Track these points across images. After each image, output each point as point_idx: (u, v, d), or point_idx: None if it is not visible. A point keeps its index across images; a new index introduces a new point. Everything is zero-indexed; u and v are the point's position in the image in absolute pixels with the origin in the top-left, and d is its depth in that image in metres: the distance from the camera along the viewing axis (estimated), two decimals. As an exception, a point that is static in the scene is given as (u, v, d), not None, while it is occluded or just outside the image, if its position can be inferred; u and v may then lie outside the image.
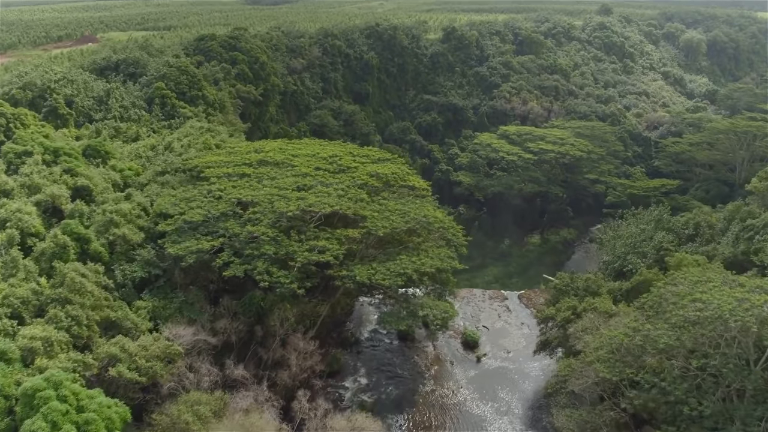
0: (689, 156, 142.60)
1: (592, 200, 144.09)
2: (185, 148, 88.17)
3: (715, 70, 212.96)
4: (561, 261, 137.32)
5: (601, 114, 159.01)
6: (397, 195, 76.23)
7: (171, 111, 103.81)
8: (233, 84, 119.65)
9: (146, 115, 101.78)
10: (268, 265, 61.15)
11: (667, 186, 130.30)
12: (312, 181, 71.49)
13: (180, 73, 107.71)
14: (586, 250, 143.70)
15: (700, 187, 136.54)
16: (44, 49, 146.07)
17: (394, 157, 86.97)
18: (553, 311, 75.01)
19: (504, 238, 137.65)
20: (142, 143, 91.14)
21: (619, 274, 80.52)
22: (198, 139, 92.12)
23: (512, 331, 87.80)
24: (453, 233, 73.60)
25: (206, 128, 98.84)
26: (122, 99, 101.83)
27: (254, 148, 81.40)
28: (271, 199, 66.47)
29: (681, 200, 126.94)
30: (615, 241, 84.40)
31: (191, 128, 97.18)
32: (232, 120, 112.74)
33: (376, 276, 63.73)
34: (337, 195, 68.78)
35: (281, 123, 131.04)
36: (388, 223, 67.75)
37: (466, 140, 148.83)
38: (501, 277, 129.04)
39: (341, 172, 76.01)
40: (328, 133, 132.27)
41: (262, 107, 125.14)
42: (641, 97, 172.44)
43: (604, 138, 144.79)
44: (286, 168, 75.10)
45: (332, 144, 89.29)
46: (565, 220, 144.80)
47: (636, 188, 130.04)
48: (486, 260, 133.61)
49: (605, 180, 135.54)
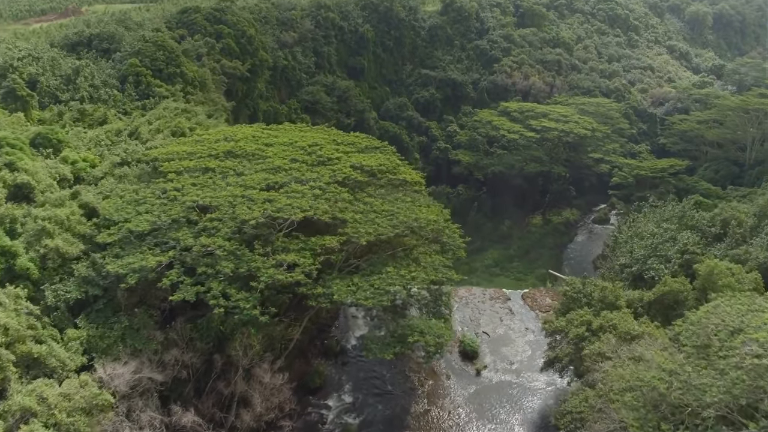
0: (697, 134, 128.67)
1: (596, 179, 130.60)
2: (153, 134, 74.38)
3: (721, 44, 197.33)
4: (563, 243, 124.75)
5: (605, 89, 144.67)
6: (386, 191, 62.20)
7: (146, 90, 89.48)
8: (218, 59, 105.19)
9: (118, 95, 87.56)
10: (225, 286, 47.56)
11: (676, 167, 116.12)
12: (285, 178, 57.52)
13: (156, 49, 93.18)
14: (590, 231, 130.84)
15: (709, 167, 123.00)
16: (25, 24, 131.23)
17: (384, 145, 72.54)
18: (563, 323, 61.56)
19: (504, 219, 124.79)
20: (108, 128, 77.13)
21: (637, 278, 66.77)
22: (170, 123, 78.27)
23: (515, 338, 74.17)
24: (449, 235, 59.83)
25: (182, 109, 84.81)
26: (92, 77, 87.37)
27: (224, 136, 67.28)
28: (233, 203, 52.56)
29: (689, 181, 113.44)
30: (633, 241, 70.35)
31: (165, 110, 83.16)
32: (214, 98, 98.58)
33: (357, 294, 50.12)
34: (312, 195, 54.90)
35: (271, 100, 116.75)
36: (373, 228, 53.90)
37: (465, 117, 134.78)
38: (501, 260, 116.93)
39: (321, 164, 62.00)
40: (320, 110, 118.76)
41: (250, 83, 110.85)
42: (646, 72, 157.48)
43: (608, 115, 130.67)
44: (258, 160, 61.10)
45: (314, 130, 75.02)
46: (568, 200, 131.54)
47: (643, 169, 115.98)
48: (485, 243, 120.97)
49: (610, 160, 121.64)
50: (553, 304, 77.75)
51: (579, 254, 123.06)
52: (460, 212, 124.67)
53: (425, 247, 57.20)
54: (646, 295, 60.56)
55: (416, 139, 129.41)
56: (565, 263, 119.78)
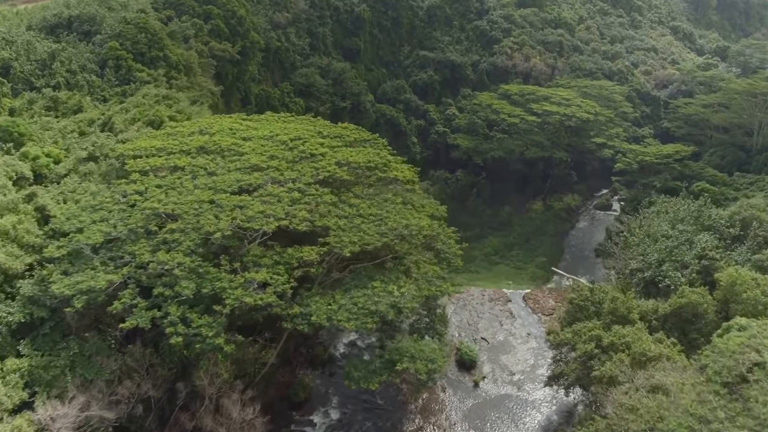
0: (702, 118, 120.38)
1: (598, 164, 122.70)
2: (127, 125, 66.48)
3: (725, 25, 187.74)
4: (565, 230, 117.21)
5: (608, 71, 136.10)
6: (375, 190, 54.19)
7: (126, 75, 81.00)
8: (206, 41, 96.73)
9: (97, 81, 79.31)
10: (184, 310, 39.85)
11: (681, 153, 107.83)
12: (261, 178, 49.49)
13: (138, 31, 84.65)
14: (592, 217, 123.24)
15: (715, 152, 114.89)
16: (12, 4, 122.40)
17: (374, 137, 64.48)
18: (569, 335, 53.99)
19: (504, 205, 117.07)
20: (80, 117, 69.21)
21: (650, 284, 58.98)
22: (148, 112, 70.34)
23: (516, 345, 66.39)
24: (443, 242, 51.94)
25: (163, 96, 76.73)
26: (70, 62, 79.12)
27: (199, 128, 59.08)
28: (199, 210, 44.62)
29: (695, 168, 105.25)
30: (645, 244, 62.31)
31: (144, 97, 75.15)
32: (201, 82, 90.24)
33: (338, 315, 42.34)
34: (290, 199, 46.97)
35: (263, 83, 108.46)
36: (358, 236, 45.92)
37: (464, 100, 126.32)
38: (501, 248, 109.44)
39: (303, 160, 53.94)
40: (315, 93, 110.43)
41: (241, 66, 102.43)
42: (649, 54, 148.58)
43: (612, 98, 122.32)
44: (233, 157, 53.06)
45: (298, 120, 66.55)
46: (569, 185, 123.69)
47: (648, 155, 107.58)
48: (485, 230, 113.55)
49: (614, 145, 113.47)
50: (556, 306, 70.18)
51: (581, 241, 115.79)
52: (459, 198, 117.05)
53: (417, 255, 49.27)
54: (662, 306, 52.80)
55: (414, 122, 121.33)
56: (567, 251, 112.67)
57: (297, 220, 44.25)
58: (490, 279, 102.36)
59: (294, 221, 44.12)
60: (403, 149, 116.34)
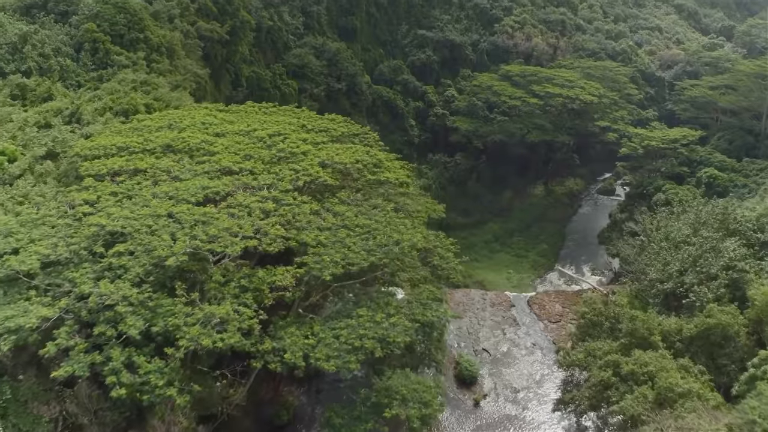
0: (708, 101, 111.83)
1: (601, 147, 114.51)
2: (95, 115, 58.19)
3: (729, 3, 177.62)
4: (567, 216, 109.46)
5: (611, 51, 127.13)
6: (363, 195, 45.87)
7: (103, 59, 72.24)
8: (193, 21, 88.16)
9: (71, 65, 70.88)
10: (130, 353, 31.92)
11: (689, 137, 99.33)
12: (231, 185, 41.25)
13: (117, 11, 75.70)
14: (595, 202, 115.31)
15: (722, 136, 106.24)
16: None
17: (365, 131, 55.74)
18: (581, 356, 46.17)
19: (504, 190, 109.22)
20: (46, 107, 60.77)
21: (670, 296, 50.93)
22: (121, 100, 62.05)
23: (521, 358, 58.46)
24: (441, 255, 43.62)
25: (140, 81, 68.30)
26: (43, 45, 70.59)
27: (168, 122, 50.60)
28: (153, 228, 36.47)
29: (702, 153, 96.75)
30: (665, 250, 53.99)
31: (120, 83, 66.80)
32: (186, 65, 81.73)
33: (317, 352, 34.38)
34: (262, 211, 38.81)
35: (255, 64, 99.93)
36: (342, 254, 37.87)
37: (464, 81, 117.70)
38: (501, 234, 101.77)
39: (282, 160, 45.71)
40: (309, 75, 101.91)
41: (231, 47, 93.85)
42: (654, 33, 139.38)
43: (616, 79, 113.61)
44: (202, 157, 44.72)
45: (280, 111, 57.82)
46: (571, 169, 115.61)
47: (654, 139, 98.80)
48: (485, 215, 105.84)
49: (618, 128, 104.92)
50: (563, 312, 62.32)
51: (583, 227, 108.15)
52: (458, 182, 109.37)
53: (411, 272, 41.13)
54: (687, 327, 44.72)
55: (412, 104, 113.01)
56: (569, 237, 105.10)
57: (268, 240, 36.04)
58: (491, 267, 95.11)
59: (265, 241, 35.89)
60: (401, 132, 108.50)
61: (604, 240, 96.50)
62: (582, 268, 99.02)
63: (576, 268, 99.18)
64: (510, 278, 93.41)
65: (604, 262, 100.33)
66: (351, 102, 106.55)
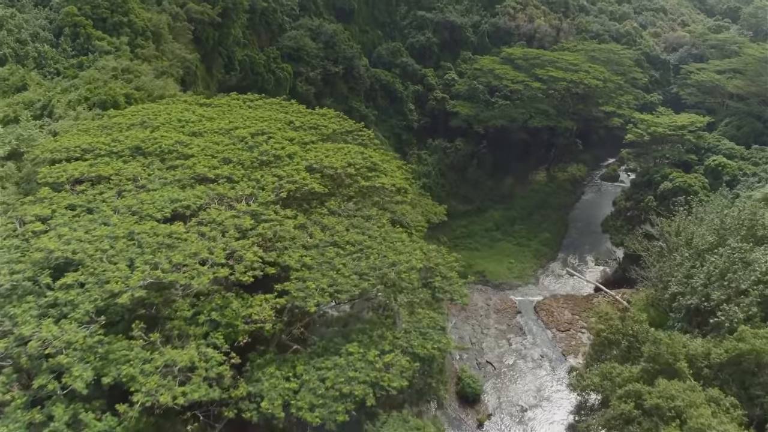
0: (715, 85, 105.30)
1: (605, 132, 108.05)
2: (66, 109, 51.89)
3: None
4: (570, 203, 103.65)
5: (615, 33, 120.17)
6: (356, 204, 39.56)
7: (84, 44, 65.87)
8: (182, 3, 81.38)
9: (50, 51, 64.38)
10: (76, 409, 25.98)
11: (697, 124, 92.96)
12: (203, 197, 34.93)
13: (99, -7, 69.42)
14: (598, 189, 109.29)
15: (730, 122, 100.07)
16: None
17: (359, 127, 49.07)
18: (597, 380, 40.40)
19: (506, 176, 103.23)
20: (21, 98, 54.56)
21: (694, 312, 44.91)
22: (99, 90, 55.75)
23: (528, 371, 52.59)
24: (444, 275, 37.32)
25: (122, 69, 61.94)
26: (20, 30, 64.06)
27: (141, 119, 44.17)
28: (109, 253, 30.19)
29: (710, 139, 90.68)
30: (687, 260, 47.77)
31: (99, 70, 60.48)
32: (174, 50, 75.20)
33: (299, 399, 28.45)
34: (237, 230, 32.59)
35: (249, 47, 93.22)
36: (329, 279, 31.73)
37: (464, 64, 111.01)
38: (502, 222, 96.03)
39: (265, 165, 39.45)
40: (304, 58, 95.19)
41: (223, 30, 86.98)
42: (658, 14, 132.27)
43: (621, 63, 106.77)
44: (175, 161, 38.38)
45: (266, 106, 50.99)
46: (574, 155, 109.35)
47: (661, 126, 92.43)
48: (485, 202, 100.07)
49: (623, 113, 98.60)
50: (573, 319, 56.46)
51: (586, 215, 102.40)
52: (459, 169, 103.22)
53: (409, 295, 34.99)
54: (715, 351, 38.73)
55: (411, 87, 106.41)
56: (572, 225, 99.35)
57: (242, 267, 29.84)
58: (492, 257, 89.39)
59: (239, 269, 29.72)
60: (400, 116, 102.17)
61: (608, 228, 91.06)
62: (585, 258, 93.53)
63: (579, 257, 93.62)
64: (511, 268, 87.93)
65: (607, 249, 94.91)
66: (348, 86, 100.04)
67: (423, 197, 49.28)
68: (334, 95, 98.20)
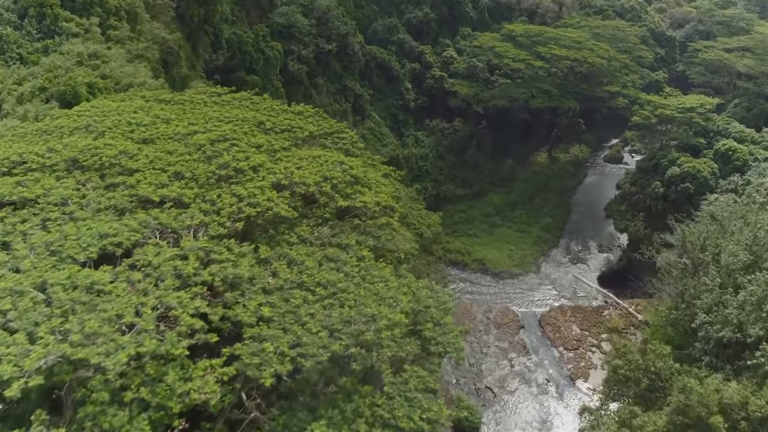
0: (724, 64, 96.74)
1: (608, 112, 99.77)
2: (14, 104, 44.03)
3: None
4: (572, 186, 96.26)
5: (620, 9, 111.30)
6: (331, 229, 31.64)
7: (51, 26, 57.85)
8: (162, -22, 73.17)
9: (13, 35, 56.17)
10: None
11: (706, 105, 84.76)
12: (140, 229, 27.07)
13: (67, -32, 60.92)
14: (601, 171, 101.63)
15: (740, 104, 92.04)
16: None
17: (340, 128, 40.33)
18: (613, 428, 33.14)
19: (506, 158, 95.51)
20: (-31, 88, 46.76)
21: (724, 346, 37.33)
22: (59, 80, 47.84)
23: (532, 398, 45.32)
24: (437, 322, 29.47)
25: (88, 54, 53.97)
26: (-20, 11, 56.12)
27: (87, 122, 36.06)
28: (8, 317, 22.55)
29: (720, 122, 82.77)
30: (716, 282, 39.95)
31: (63, 56, 52.58)
32: (152, 30, 67.03)
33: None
34: (176, 277, 24.92)
35: (237, 25, 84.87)
36: (292, 338, 24.12)
37: (463, 41, 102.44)
38: (502, 207, 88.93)
39: (224, 181, 31.66)
40: (296, 35, 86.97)
41: (209, 6, 78.59)
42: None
43: (626, 40, 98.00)
44: (116, 178, 30.44)
45: (235, 101, 42.06)
46: (577, 135, 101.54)
47: (668, 108, 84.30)
48: (485, 186, 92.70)
49: (628, 93, 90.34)
50: (582, 336, 48.98)
51: (589, 198, 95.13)
52: (457, 150, 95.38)
53: (392, 350, 27.29)
54: (755, 401, 31.29)
55: (408, 66, 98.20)
56: (574, 210, 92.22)
57: (174, 336, 22.22)
58: (491, 244, 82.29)
59: (170, 338, 22.12)
60: (396, 96, 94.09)
61: (612, 213, 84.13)
62: (588, 244, 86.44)
63: (582, 243, 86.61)
64: (512, 256, 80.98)
65: (610, 234, 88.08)
66: (342, 64, 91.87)
67: (416, 202, 41.36)
68: (328, 74, 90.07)
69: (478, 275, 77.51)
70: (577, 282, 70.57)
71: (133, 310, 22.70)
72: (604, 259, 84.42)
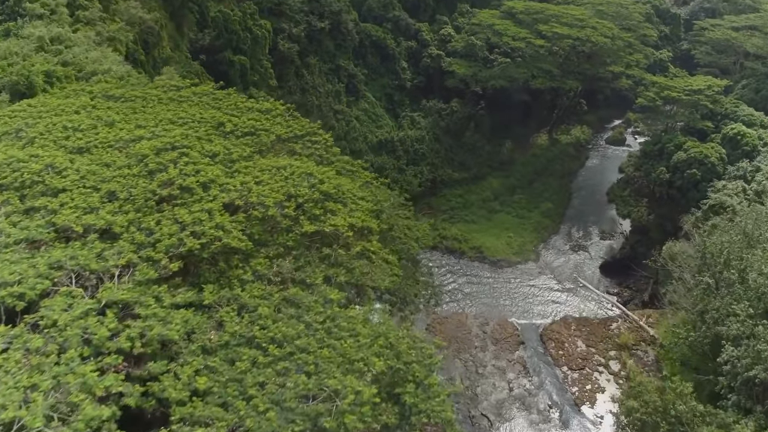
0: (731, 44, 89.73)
1: (610, 92, 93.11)
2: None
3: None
4: (573, 169, 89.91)
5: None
6: (295, 261, 25.43)
7: (14, 7, 51.37)
8: (142, -48, 66.17)
9: (-29, 17, 49.90)
10: None
11: (714, 87, 77.98)
12: (50, 274, 20.87)
13: (29, -58, 53.90)
14: (603, 154, 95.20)
15: (747, 85, 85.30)
16: None
17: (314, 128, 33.63)
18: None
19: (505, 140, 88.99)
20: None
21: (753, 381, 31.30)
22: (13, 67, 41.57)
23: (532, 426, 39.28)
24: (420, 384, 23.07)
25: (51, 37, 47.54)
26: (-65, -10, 49.51)
27: (17, 127, 29.35)
28: None
29: (728, 105, 76.11)
30: (750, 312, 33.54)
31: (21, 40, 46.13)
32: (128, 9, 60.36)
33: None
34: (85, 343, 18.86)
35: (224, 2, 77.85)
36: (233, 418, 18.22)
37: (461, 18, 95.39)
38: (501, 192, 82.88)
39: (166, 202, 25.38)
40: (286, 12, 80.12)
41: (193, -18, 72.18)
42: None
43: (630, 17, 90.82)
44: (37, 201, 24.27)
45: (195, 97, 35.33)
46: (578, 116, 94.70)
47: (675, 90, 77.47)
48: (483, 169, 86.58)
49: (633, 74, 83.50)
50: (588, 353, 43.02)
51: (591, 182, 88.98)
52: (455, 133, 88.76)
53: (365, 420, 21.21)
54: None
55: (404, 44, 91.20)
56: (575, 194, 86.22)
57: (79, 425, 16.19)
58: (489, 231, 76.57)
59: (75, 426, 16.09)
60: (392, 75, 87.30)
61: (614, 198, 78.46)
62: (590, 230, 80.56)
63: (583, 230, 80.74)
64: (510, 243, 75.37)
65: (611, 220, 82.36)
66: (335, 42, 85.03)
67: (403, 208, 35.05)
68: (320, 53, 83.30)
69: (476, 264, 71.96)
70: (581, 284, 64.66)
71: (20, 398, 16.58)
72: (607, 247, 78.60)
